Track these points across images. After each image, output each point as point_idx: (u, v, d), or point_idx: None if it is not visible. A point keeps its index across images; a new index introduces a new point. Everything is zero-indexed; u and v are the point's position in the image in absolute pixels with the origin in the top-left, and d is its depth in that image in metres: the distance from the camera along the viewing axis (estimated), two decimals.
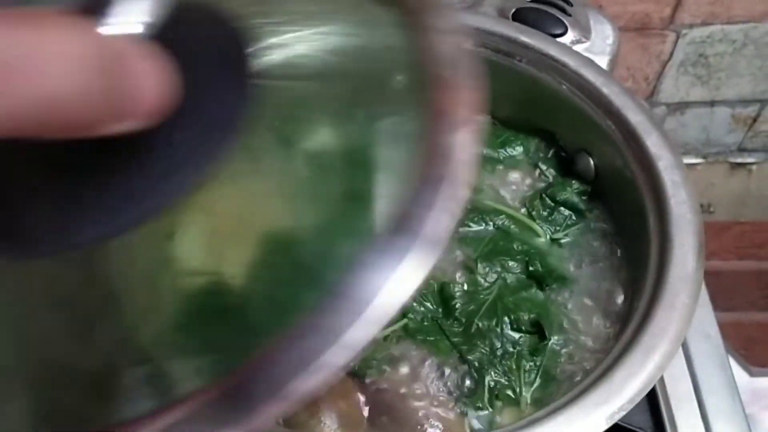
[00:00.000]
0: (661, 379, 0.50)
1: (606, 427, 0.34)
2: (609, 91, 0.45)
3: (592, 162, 0.47)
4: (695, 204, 0.40)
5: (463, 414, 0.39)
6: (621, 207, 0.45)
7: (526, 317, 0.42)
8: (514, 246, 0.44)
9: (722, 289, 0.80)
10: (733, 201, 0.96)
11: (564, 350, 0.41)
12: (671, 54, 0.80)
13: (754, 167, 0.92)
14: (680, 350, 0.52)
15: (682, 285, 0.37)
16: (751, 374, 0.75)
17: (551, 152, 0.50)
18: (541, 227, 0.46)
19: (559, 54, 0.46)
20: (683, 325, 0.36)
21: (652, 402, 0.50)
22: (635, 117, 0.44)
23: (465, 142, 0.21)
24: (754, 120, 0.87)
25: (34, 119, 0.18)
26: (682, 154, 0.87)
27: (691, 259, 0.38)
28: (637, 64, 0.81)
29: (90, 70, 0.18)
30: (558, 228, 0.46)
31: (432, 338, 0.41)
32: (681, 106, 0.85)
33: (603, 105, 0.44)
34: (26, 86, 0.17)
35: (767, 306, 0.79)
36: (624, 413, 0.34)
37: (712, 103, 0.85)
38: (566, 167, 0.49)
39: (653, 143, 0.43)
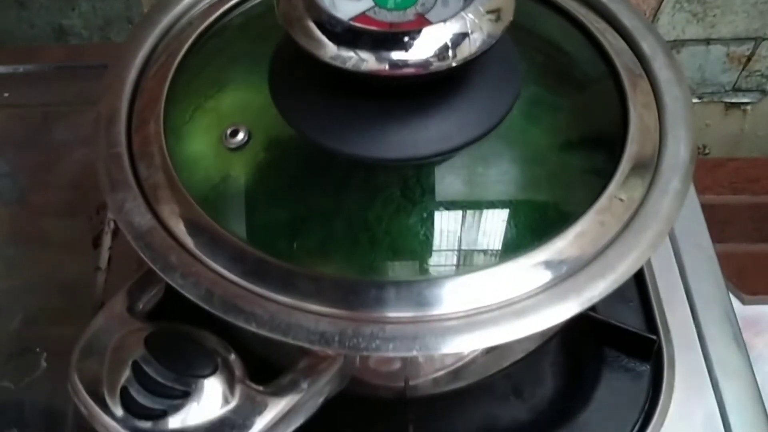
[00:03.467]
0: (655, 286, 0.52)
1: (600, 297, 0.35)
2: None
3: None
4: (688, 100, 0.42)
5: None
6: None
7: None
8: None
9: (716, 222, 0.81)
10: (728, 142, 0.97)
11: None
12: None
13: (748, 107, 0.93)
14: (674, 261, 0.54)
15: (674, 173, 0.39)
16: (744, 302, 0.77)
17: None
18: None
19: None
20: (674, 208, 0.38)
21: (646, 306, 0.51)
22: (630, 21, 0.45)
23: None
24: (749, 59, 0.88)
25: None
26: None
27: (683, 149, 0.40)
28: (633, 0, 0.81)
29: None
30: None
31: None
32: (677, 44, 0.86)
33: (599, 11, 0.46)
34: None
35: (760, 238, 0.80)
36: (617, 285, 0.35)
37: (707, 42, 0.86)
38: None
39: (648, 45, 0.44)
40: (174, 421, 0.33)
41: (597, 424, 0.47)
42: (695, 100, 0.92)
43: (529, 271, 0.35)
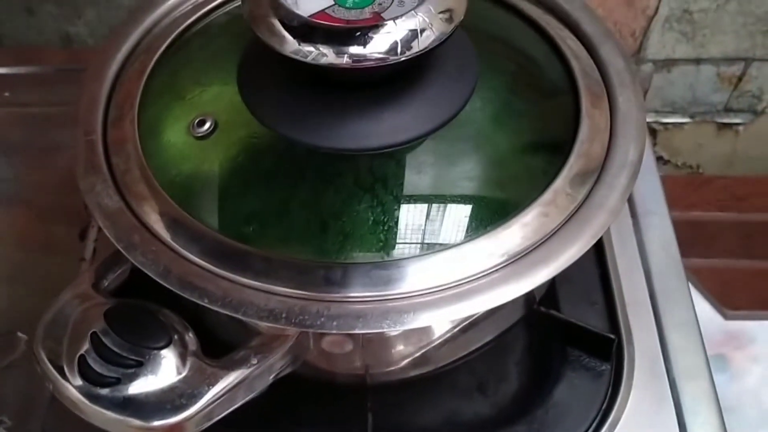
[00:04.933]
0: (620, 289, 0.53)
1: (538, 283, 0.37)
2: (569, 6, 0.48)
3: None
4: (640, 102, 0.43)
5: None
6: None
7: None
8: None
9: (702, 238, 0.82)
10: (721, 162, 0.98)
11: None
12: (656, 9, 0.82)
13: (740, 128, 0.94)
14: (639, 264, 0.55)
15: (621, 170, 0.40)
16: (726, 317, 0.78)
17: None
18: None
19: None
20: (619, 202, 0.39)
21: (610, 309, 0.53)
22: (590, 28, 0.47)
23: None
24: (739, 79, 0.89)
25: None
26: (669, 112, 0.89)
27: (633, 149, 0.41)
28: (623, 19, 0.83)
29: None
30: None
31: None
32: (667, 64, 0.88)
33: (561, 18, 0.48)
34: None
35: (744, 254, 0.81)
36: (557, 272, 0.37)
37: (697, 61, 0.88)
38: None
39: (606, 52, 0.46)
40: (127, 388, 0.34)
41: (554, 420, 0.48)
42: (687, 120, 0.93)
43: (473, 257, 0.37)
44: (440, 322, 0.38)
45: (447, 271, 0.36)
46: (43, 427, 0.47)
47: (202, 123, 0.40)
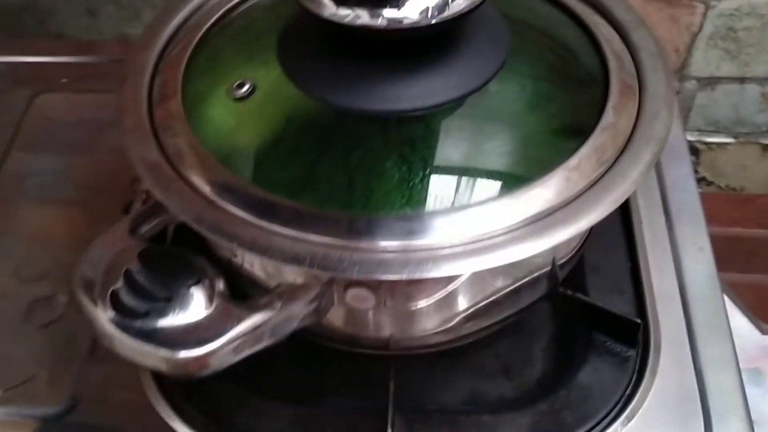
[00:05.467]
0: (649, 279, 0.54)
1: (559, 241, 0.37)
2: None
3: None
4: (670, 83, 0.44)
5: None
6: None
7: None
8: None
9: (741, 254, 0.82)
10: (766, 184, 0.97)
11: None
12: (701, 26, 0.83)
13: None
14: (671, 259, 0.55)
15: (647, 143, 0.41)
16: (762, 332, 0.77)
17: None
18: None
19: None
20: (641, 174, 0.40)
21: (639, 298, 0.53)
22: (623, 15, 0.48)
23: None
24: None
25: None
26: (713, 132, 0.89)
27: (659, 125, 0.42)
28: (666, 35, 0.84)
29: None
30: None
31: None
32: (711, 82, 0.88)
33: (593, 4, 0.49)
34: None
35: None
36: (575, 233, 0.38)
37: (742, 80, 0.88)
38: None
39: (638, 37, 0.47)
40: (155, 321, 0.36)
41: (577, 401, 0.48)
42: (731, 140, 0.93)
43: (494, 215, 0.38)
44: (460, 274, 0.39)
45: (468, 227, 0.37)
46: (74, 384, 0.49)
47: (241, 86, 0.42)
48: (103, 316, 0.36)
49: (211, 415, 0.47)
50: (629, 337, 0.50)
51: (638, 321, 0.49)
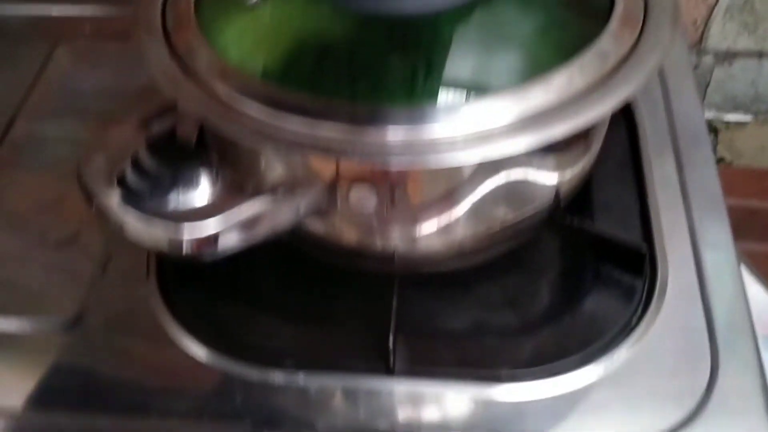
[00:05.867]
0: (657, 214, 0.54)
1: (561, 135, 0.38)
2: None
3: None
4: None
5: None
6: None
7: None
8: None
9: (758, 225, 0.82)
10: None
11: None
12: None
13: None
14: (681, 199, 0.55)
15: (651, 51, 0.42)
16: None
17: None
18: None
19: None
20: (645, 77, 0.40)
21: (646, 231, 0.53)
22: None
23: None
24: None
25: None
26: (732, 110, 0.89)
27: (663, 35, 0.42)
28: (683, 8, 0.84)
29: None
30: None
31: None
32: (729, 56, 0.88)
33: None
34: None
35: None
36: (573, 131, 0.38)
37: (759, 55, 0.87)
38: None
39: None
40: (160, 201, 0.37)
41: (581, 328, 0.48)
42: (749, 118, 0.93)
43: (495, 111, 0.38)
44: (461, 164, 0.39)
45: (471, 122, 0.38)
46: (84, 299, 0.50)
47: None
48: (110, 197, 0.37)
49: (217, 331, 0.48)
50: (636, 266, 0.50)
51: (644, 250, 0.49)
